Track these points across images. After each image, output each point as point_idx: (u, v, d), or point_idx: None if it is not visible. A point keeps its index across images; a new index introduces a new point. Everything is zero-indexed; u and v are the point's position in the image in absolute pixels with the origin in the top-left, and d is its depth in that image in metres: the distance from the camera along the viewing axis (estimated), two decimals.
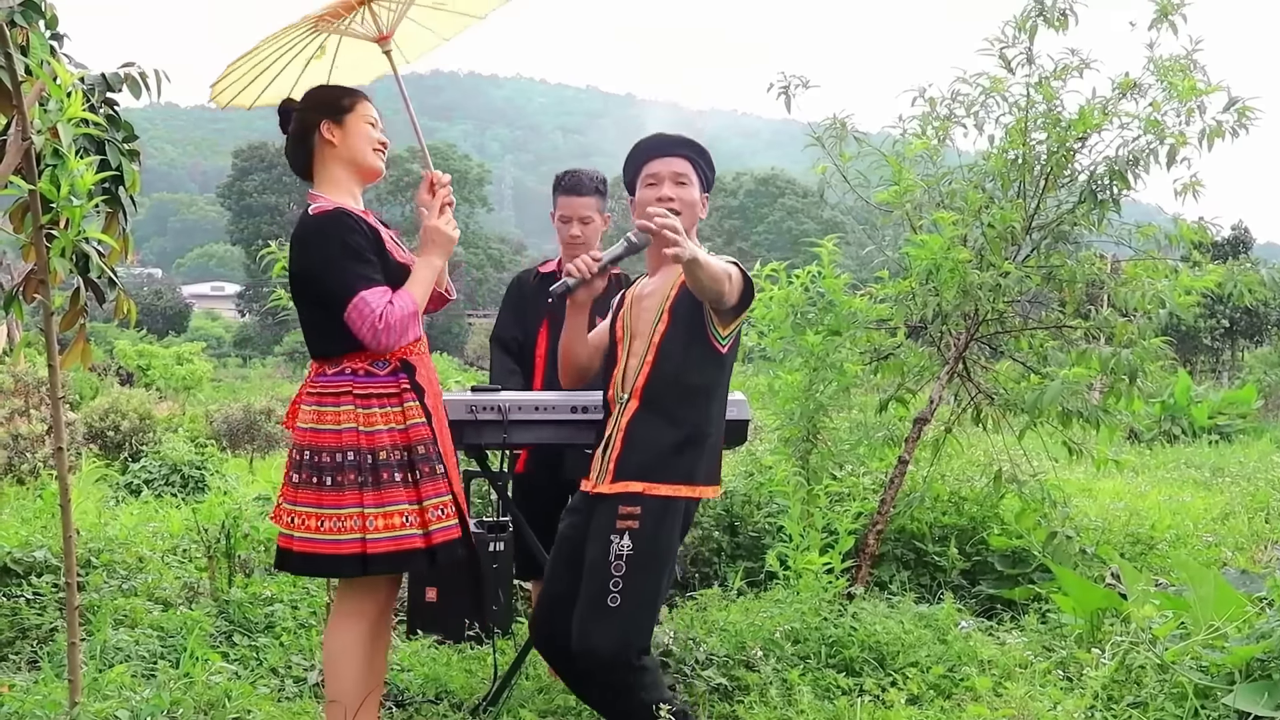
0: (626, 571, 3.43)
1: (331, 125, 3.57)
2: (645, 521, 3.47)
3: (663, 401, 3.57)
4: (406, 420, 3.47)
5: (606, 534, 3.47)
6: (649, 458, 3.53)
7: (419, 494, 3.45)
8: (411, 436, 3.47)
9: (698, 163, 3.71)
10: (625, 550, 3.44)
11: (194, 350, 28.52)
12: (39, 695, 3.87)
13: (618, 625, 3.42)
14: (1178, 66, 5.40)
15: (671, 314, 3.61)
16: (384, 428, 3.43)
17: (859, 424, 6.26)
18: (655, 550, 3.48)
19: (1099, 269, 5.67)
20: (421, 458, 3.46)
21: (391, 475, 3.41)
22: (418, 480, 3.45)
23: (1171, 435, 15.18)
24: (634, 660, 3.44)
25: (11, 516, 7.27)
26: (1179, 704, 3.49)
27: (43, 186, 3.40)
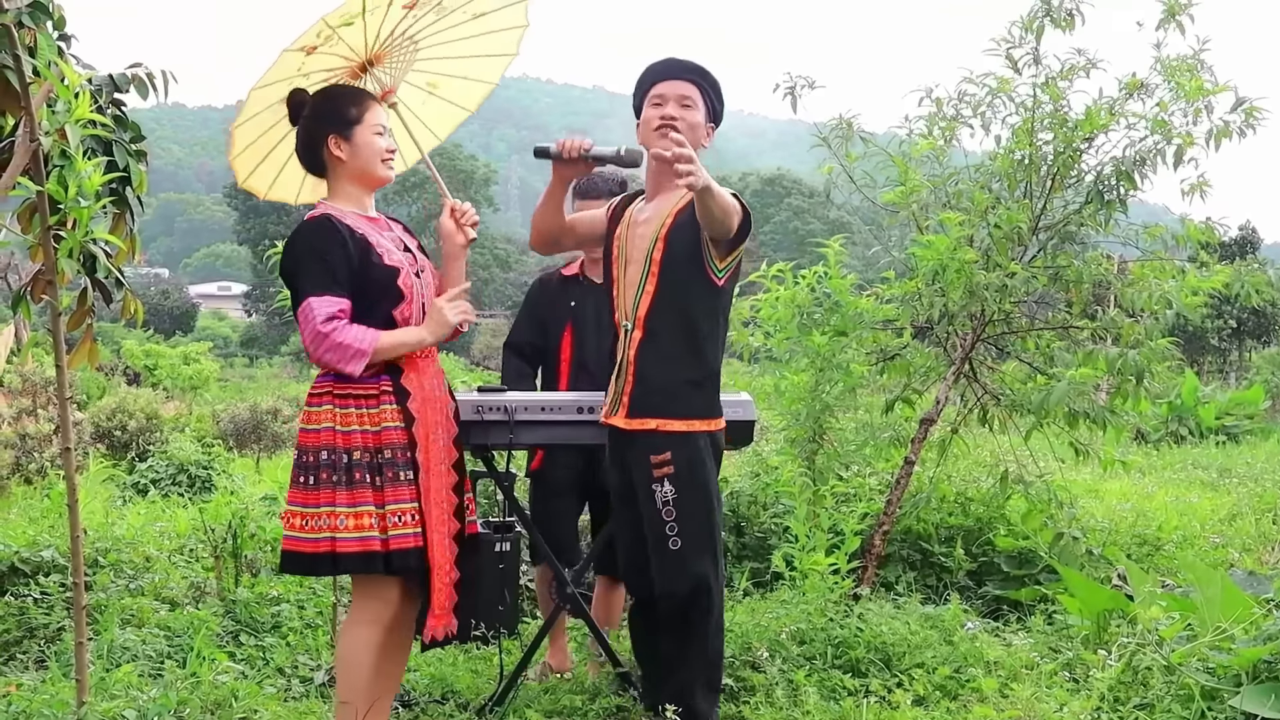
0: (678, 514, 3.61)
1: (339, 140, 3.55)
2: (678, 464, 3.61)
3: (667, 331, 3.65)
4: (380, 423, 3.47)
5: (648, 485, 3.63)
6: (660, 394, 3.66)
7: (383, 497, 3.45)
8: (382, 439, 3.46)
9: (705, 89, 3.75)
10: (669, 495, 3.61)
11: (201, 350, 28.57)
12: (46, 694, 3.88)
13: (688, 562, 3.61)
14: (1185, 66, 5.39)
15: (667, 241, 3.66)
16: (358, 428, 3.45)
17: (865, 425, 6.26)
18: (695, 486, 3.63)
19: (1106, 269, 5.67)
20: (388, 462, 3.46)
21: (363, 476, 3.43)
22: (382, 484, 3.45)
23: (1178, 436, 15.15)
24: (709, 588, 3.64)
25: (19, 516, 7.30)
26: (1186, 706, 3.48)
27: (50, 187, 3.41)
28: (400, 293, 3.50)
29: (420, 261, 3.64)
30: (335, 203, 3.58)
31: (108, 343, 31.63)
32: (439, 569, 3.53)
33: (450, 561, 3.59)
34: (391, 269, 3.50)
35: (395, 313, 3.50)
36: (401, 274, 3.51)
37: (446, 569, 3.56)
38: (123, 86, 4.37)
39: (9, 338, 4.39)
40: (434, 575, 3.51)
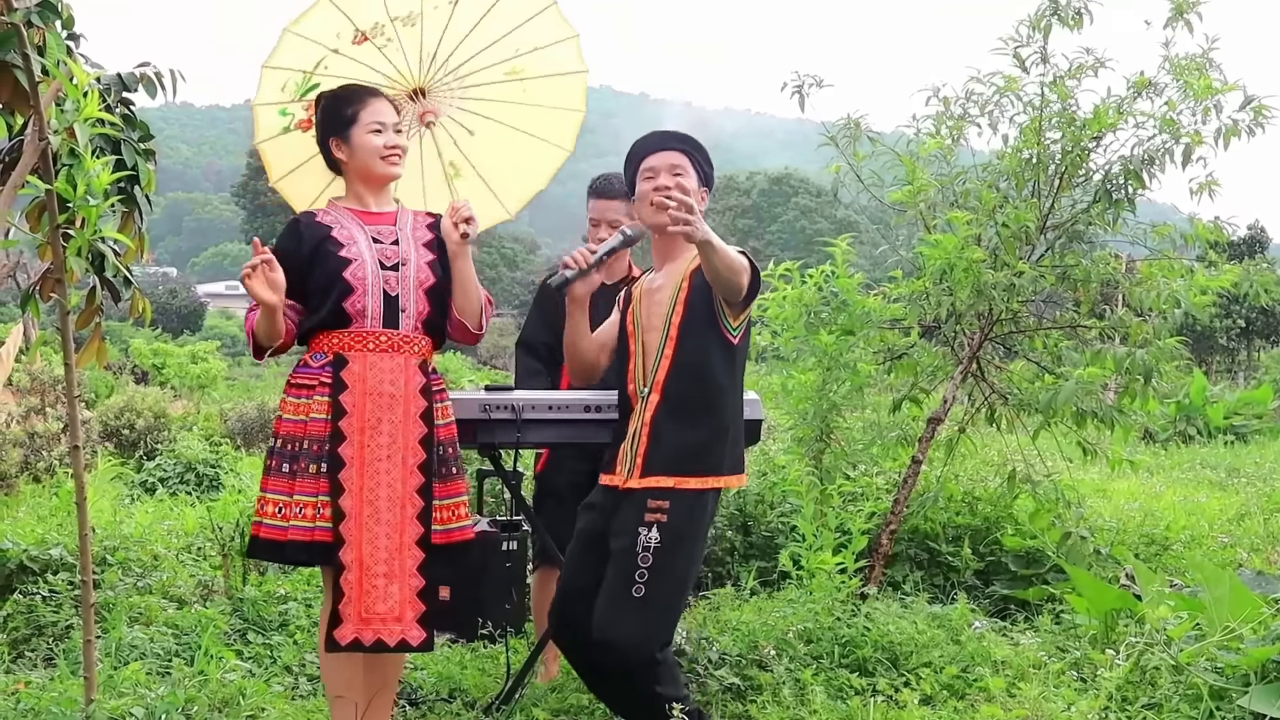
0: (653, 563, 3.45)
1: (339, 142, 3.65)
2: (673, 515, 3.49)
3: (685, 395, 3.60)
4: (309, 413, 3.51)
5: (634, 526, 3.49)
6: (676, 452, 3.56)
7: (291, 487, 3.48)
8: (307, 430, 3.50)
9: (694, 156, 3.72)
10: (653, 542, 3.46)
11: (208, 349, 28.53)
12: (55, 692, 3.90)
13: (640, 617, 3.44)
14: (1193, 65, 5.38)
15: (686, 304, 3.63)
16: (290, 417, 3.53)
17: (872, 424, 6.25)
18: (682, 544, 3.50)
19: (1114, 269, 5.66)
20: (303, 452, 3.49)
21: (279, 464, 3.49)
22: (294, 474, 3.48)
23: (1187, 436, 15.12)
24: (655, 654, 3.46)
25: (28, 514, 7.32)
26: (1194, 705, 3.48)
27: (59, 186, 3.41)
28: (348, 284, 3.52)
29: (404, 254, 3.62)
30: (345, 201, 3.68)
31: (116, 342, 31.69)
32: (363, 569, 3.45)
33: (407, 567, 3.51)
34: (343, 260, 3.53)
35: (346, 304, 3.53)
36: (353, 265, 3.53)
37: (386, 573, 3.48)
38: (131, 86, 4.37)
39: (18, 336, 4.40)
40: (347, 574, 3.44)
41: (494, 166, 4.15)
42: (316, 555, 3.49)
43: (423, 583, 3.54)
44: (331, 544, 3.45)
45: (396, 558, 3.50)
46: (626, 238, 3.80)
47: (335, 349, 3.54)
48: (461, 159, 4.12)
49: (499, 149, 4.12)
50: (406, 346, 3.59)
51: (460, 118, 4.08)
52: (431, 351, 3.70)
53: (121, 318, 26.86)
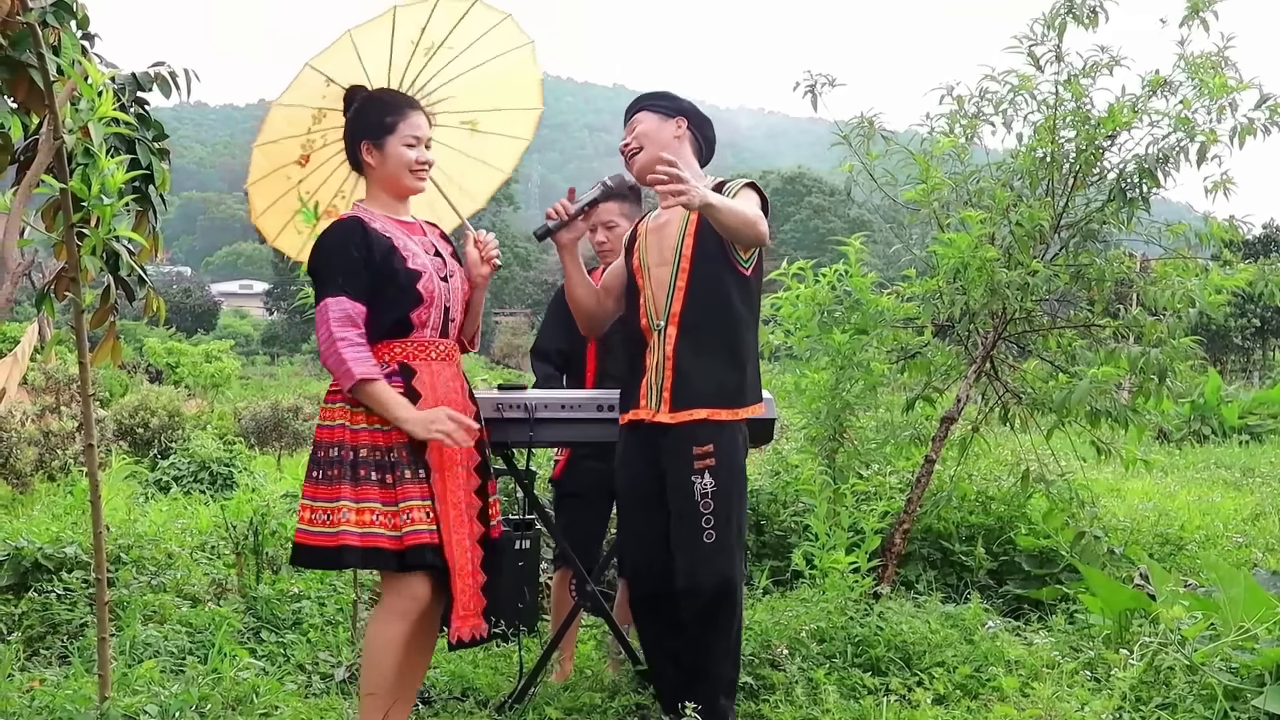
0: (715, 507, 3.62)
1: (371, 147, 3.63)
2: (720, 456, 3.63)
3: (704, 326, 3.69)
4: (389, 423, 3.48)
5: (686, 476, 3.64)
6: (704, 385, 3.67)
7: (394, 495, 3.46)
8: (391, 439, 3.47)
9: (649, 104, 3.90)
10: (709, 488, 3.62)
11: (222, 348, 28.67)
12: (69, 690, 3.91)
13: (720, 558, 3.62)
14: (1209, 63, 5.36)
15: (696, 236, 3.72)
16: (366, 427, 3.47)
17: (885, 423, 6.25)
18: (733, 479, 3.66)
19: (1128, 268, 5.64)
20: (397, 461, 3.47)
21: (369, 473, 3.45)
22: (393, 482, 3.47)
23: (1201, 435, 15.06)
24: (737, 588, 3.66)
25: (43, 513, 7.35)
26: (1208, 705, 3.47)
27: (74, 185, 3.42)
28: (420, 296, 3.53)
29: (450, 267, 3.67)
30: (369, 205, 3.66)
31: (130, 341, 31.81)
32: (459, 570, 3.53)
33: (474, 564, 3.60)
34: (414, 272, 3.53)
35: (413, 315, 3.53)
36: (424, 277, 3.55)
37: (469, 570, 3.57)
38: (145, 85, 4.38)
39: (33, 335, 4.42)
40: (454, 576, 3.51)
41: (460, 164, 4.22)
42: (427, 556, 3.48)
43: (484, 578, 3.65)
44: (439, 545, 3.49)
45: (470, 556, 3.58)
46: (606, 188, 3.97)
47: (399, 358, 3.54)
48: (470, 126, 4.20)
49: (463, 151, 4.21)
50: (454, 354, 3.68)
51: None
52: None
53: (136, 317, 26.96)
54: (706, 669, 3.70)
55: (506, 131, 4.26)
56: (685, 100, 3.92)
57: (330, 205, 4.06)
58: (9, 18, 3.40)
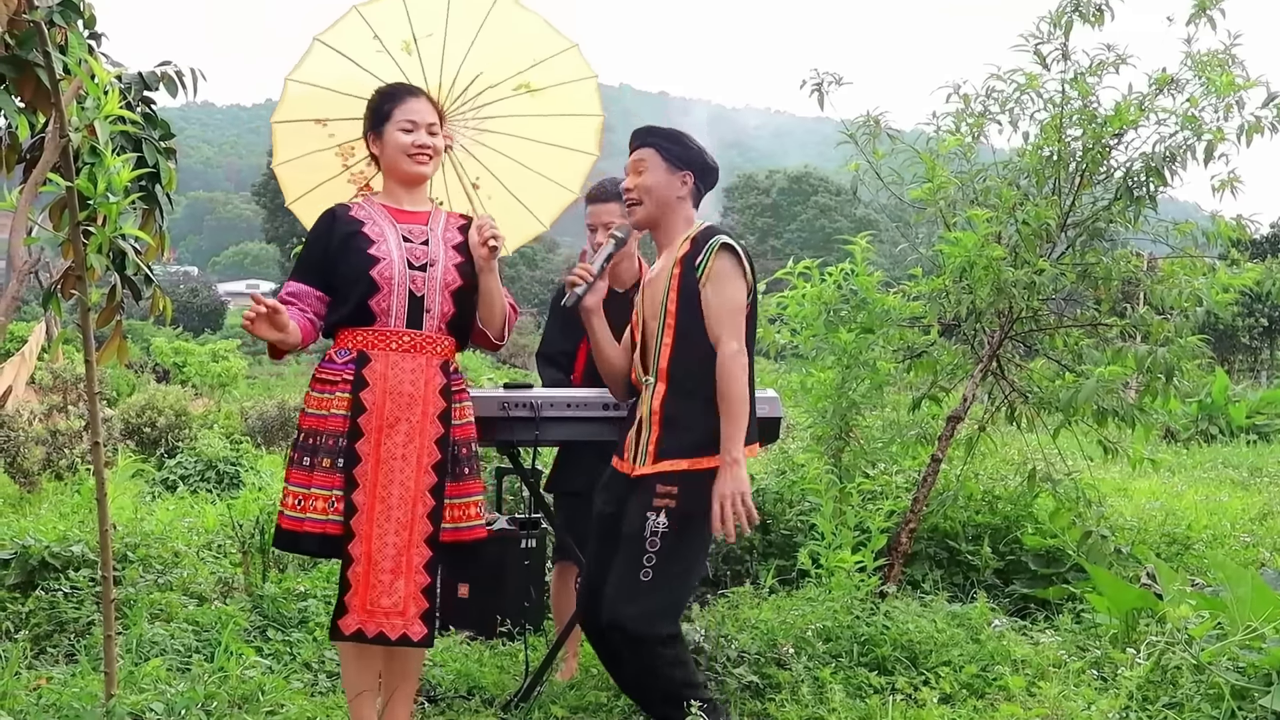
0: (661, 548, 3.50)
1: (374, 138, 3.70)
2: (682, 498, 3.52)
3: (688, 380, 3.62)
4: (329, 408, 3.54)
5: (644, 510, 3.53)
6: (686, 437, 3.58)
7: (310, 480, 3.52)
8: (326, 425, 3.54)
9: (660, 145, 3.75)
10: (661, 527, 3.50)
11: (229, 348, 28.66)
12: (76, 688, 3.92)
13: (647, 600, 3.49)
14: (1216, 61, 5.35)
15: (679, 290, 3.64)
16: (313, 411, 3.57)
17: (892, 422, 6.24)
18: (691, 527, 3.53)
19: (1135, 266, 5.63)
20: (321, 446, 3.53)
21: (300, 457, 3.55)
22: (310, 466, 3.53)
23: (1208, 435, 15.02)
24: (661, 635, 3.51)
25: (50, 511, 7.36)
26: (1215, 705, 3.46)
27: (80, 183, 3.43)
28: (374, 282, 3.55)
29: (433, 255, 3.64)
30: (381, 196, 3.73)
31: (137, 340, 31.86)
32: (371, 563, 3.49)
33: (412, 564, 3.54)
34: (370, 258, 3.55)
35: (371, 302, 3.56)
36: (380, 264, 3.55)
37: (390, 568, 3.51)
38: (152, 85, 4.39)
39: (40, 335, 4.42)
40: (354, 567, 3.49)
41: (521, 181, 4.19)
42: (328, 547, 3.54)
43: (428, 580, 3.57)
44: (341, 537, 3.50)
45: (404, 554, 3.53)
46: (619, 240, 3.89)
47: (359, 346, 3.56)
48: (487, 176, 4.15)
49: (522, 163, 4.17)
50: (429, 347, 3.62)
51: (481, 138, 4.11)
52: (454, 352, 3.71)
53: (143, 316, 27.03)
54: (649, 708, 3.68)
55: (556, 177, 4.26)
56: (695, 147, 3.77)
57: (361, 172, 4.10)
58: (15, 16, 3.40)
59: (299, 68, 4.01)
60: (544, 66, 4.09)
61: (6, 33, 3.60)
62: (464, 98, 4.03)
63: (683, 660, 3.60)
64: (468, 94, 4.02)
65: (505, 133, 4.12)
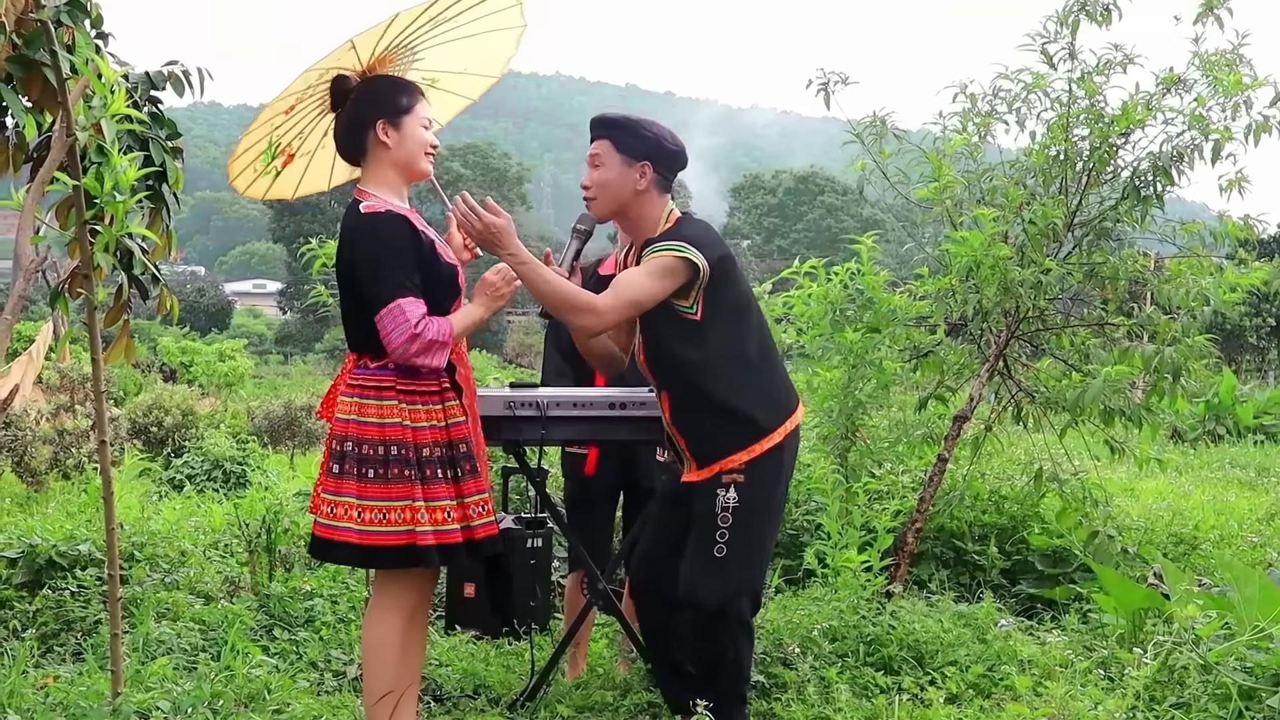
0: (733, 523, 3.56)
1: (387, 126, 3.54)
2: (750, 476, 3.57)
3: (678, 383, 3.64)
4: (448, 418, 3.50)
5: (714, 488, 3.58)
6: (711, 444, 3.62)
7: (460, 490, 3.49)
8: (453, 434, 3.50)
9: (613, 136, 3.70)
10: (731, 502, 3.56)
11: (236, 347, 28.72)
12: (83, 686, 3.92)
13: (725, 576, 3.56)
14: (1223, 61, 5.34)
15: None
16: (427, 424, 3.46)
17: (898, 422, 6.23)
18: (759, 501, 3.59)
19: (1142, 266, 5.62)
20: (463, 455, 3.50)
21: (435, 471, 3.44)
22: (459, 477, 3.49)
23: (1216, 435, 14.99)
24: (742, 611, 3.60)
25: (57, 510, 7.37)
26: (1223, 705, 3.45)
27: (87, 182, 3.43)
28: (458, 290, 3.56)
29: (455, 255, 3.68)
30: (375, 190, 3.55)
31: (144, 340, 31.91)
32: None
33: None
34: (453, 266, 3.56)
35: (452, 308, 3.55)
36: (459, 271, 3.58)
37: None
38: (159, 84, 4.40)
39: (48, 334, 4.44)
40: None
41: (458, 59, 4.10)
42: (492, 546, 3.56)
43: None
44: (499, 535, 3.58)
45: None
46: (581, 234, 3.86)
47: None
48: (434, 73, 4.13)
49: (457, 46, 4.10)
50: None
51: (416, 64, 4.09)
52: None
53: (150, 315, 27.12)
54: (708, 680, 3.68)
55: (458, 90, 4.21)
56: (651, 133, 3.69)
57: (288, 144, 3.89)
58: (23, 15, 3.41)
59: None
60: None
61: (14, 32, 3.61)
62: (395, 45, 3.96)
63: (751, 639, 3.71)
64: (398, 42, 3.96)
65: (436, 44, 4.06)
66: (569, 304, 3.47)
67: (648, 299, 3.52)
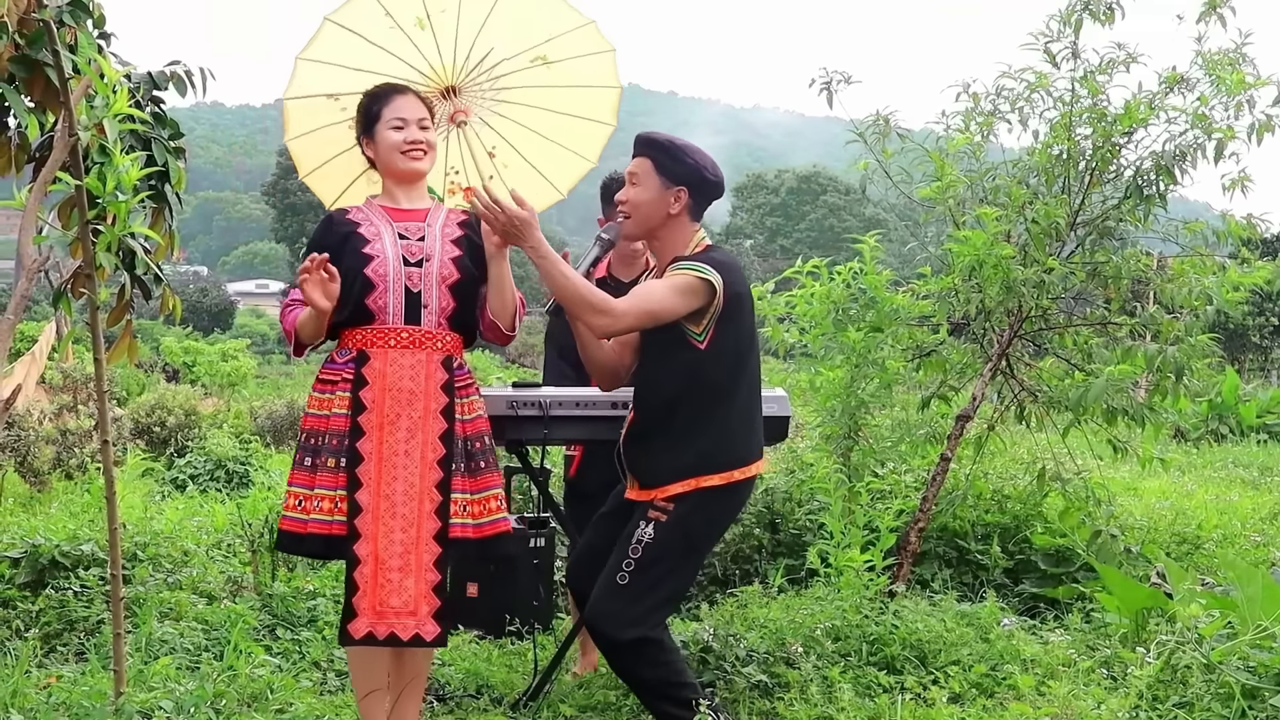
0: (641, 556, 3.54)
1: (367, 141, 3.71)
2: (672, 515, 3.57)
3: (654, 402, 3.65)
4: (331, 408, 3.56)
5: (640, 515, 3.60)
6: (655, 467, 3.62)
7: (312, 481, 3.54)
8: (328, 425, 3.56)
9: (655, 158, 3.67)
10: (646, 537, 3.56)
11: (238, 347, 28.72)
12: (86, 686, 3.93)
13: (619, 602, 3.54)
14: (1226, 60, 5.34)
15: None
16: (314, 412, 3.59)
17: (901, 421, 6.23)
18: (675, 542, 3.57)
19: (1145, 265, 5.61)
20: (324, 447, 3.54)
21: (302, 458, 3.57)
22: (313, 468, 3.55)
23: (1219, 434, 14.96)
24: (627, 640, 3.53)
25: (60, 511, 7.37)
26: (1225, 704, 3.45)
27: (89, 182, 3.43)
28: (369, 281, 3.56)
29: (428, 251, 3.63)
30: (381, 197, 3.73)
31: (147, 340, 31.92)
32: (378, 564, 3.49)
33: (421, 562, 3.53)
34: (364, 257, 3.56)
35: (368, 300, 3.57)
36: (374, 262, 3.56)
37: (398, 566, 3.50)
38: (161, 84, 4.41)
39: (50, 334, 4.45)
40: (361, 568, 3.49)
41: (538, 150, 4.19)
42: (334, 549, 3.55)
43: (439, 577, 3.55)
44: (346, 538, 3.50)
45: (412, 552, 3.52)
46: (605, 243, 3.85)
47: (359, 345, 3.58)
48: (504, 145, 4.15)
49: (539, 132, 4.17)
50: (429, 342, 3.60)
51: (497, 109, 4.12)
52: (460, 347, 3.69)
53: (153, 315, 27.12)
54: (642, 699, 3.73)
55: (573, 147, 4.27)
56: (693, 161, 3.65)
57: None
58: (25, 16, 3.41)
59: (309, 46, 4.00)
60: (561, 40, 4.09)
61: (17, 32, 3.62)
62: (480, 68, 4.01)
63: (662, 662, 3.60)
64: (483, 65, 4.01)
65: (522, 103, 4.11)
66: (586, 302, 3.46)
67: (664, 313, 3.51)
